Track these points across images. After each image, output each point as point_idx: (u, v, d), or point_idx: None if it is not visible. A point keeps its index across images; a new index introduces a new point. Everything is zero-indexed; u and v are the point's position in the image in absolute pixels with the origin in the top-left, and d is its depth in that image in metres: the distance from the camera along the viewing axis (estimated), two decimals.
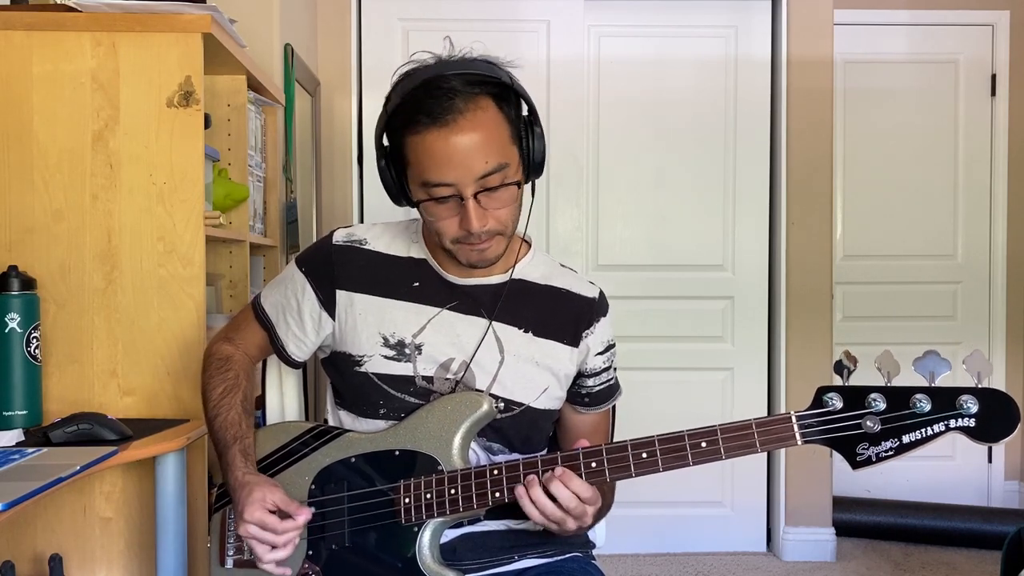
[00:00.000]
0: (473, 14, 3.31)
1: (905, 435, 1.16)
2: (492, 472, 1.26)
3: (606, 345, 1.45)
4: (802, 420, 1.19)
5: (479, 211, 1.26)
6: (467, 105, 1.24)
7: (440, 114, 1.23)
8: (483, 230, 1.28)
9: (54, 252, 1.73)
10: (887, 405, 1.17)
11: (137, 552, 1.75)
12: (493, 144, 1.25)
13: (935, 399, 1.15)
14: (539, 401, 1.39)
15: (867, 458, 1.17)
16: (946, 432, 1.16)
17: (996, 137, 3.99)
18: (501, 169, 1.26)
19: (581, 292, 1.44)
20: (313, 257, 1.44)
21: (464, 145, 1.23)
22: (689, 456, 1.21)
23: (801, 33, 3.33)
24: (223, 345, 1.47)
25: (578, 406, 1.47)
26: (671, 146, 3.43)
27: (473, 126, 1.24)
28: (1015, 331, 4.02)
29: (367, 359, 1.38)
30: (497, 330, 1.38)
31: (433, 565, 1.28)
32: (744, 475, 3.44)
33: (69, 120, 1.72)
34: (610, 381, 1.48)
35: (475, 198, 1.26)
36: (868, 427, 1.17)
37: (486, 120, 1.25)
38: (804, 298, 3.36)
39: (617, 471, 1.24)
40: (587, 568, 1.43)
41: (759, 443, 1.19)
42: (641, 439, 1.24)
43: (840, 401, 1.18)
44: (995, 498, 4.01)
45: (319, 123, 3.20)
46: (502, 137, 1.27)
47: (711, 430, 1.21)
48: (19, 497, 1.15)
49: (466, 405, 1.32)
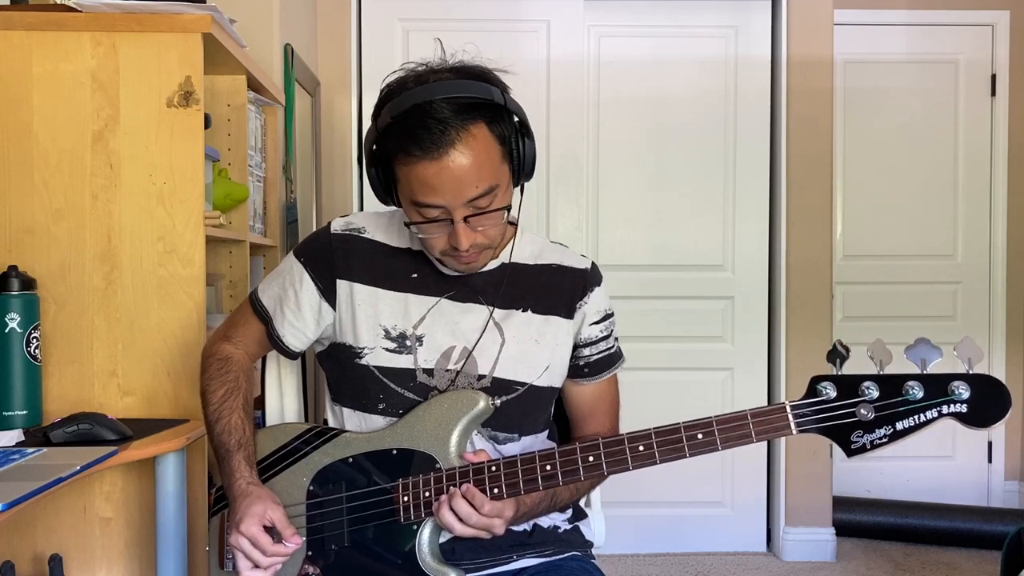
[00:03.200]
0: (473, 14, 3.31)
1: (899, 422, 1.18)
2: (490, 469, 1.27)
3: (602, 315, 1.46)
4: (796, 409, 1.20)
5: (467, 231, 1.28)
6: (459, 135, 1.23)
7: (432, 147, 1.22)
8: (472, 247, 1.29)
9: (54, 252, 1.73)
10: (880, 393, 1.18)
11: (137, 552, 1.75)
12: (484, 168, 1.26)
13: (927, 386, 1.17)
14: (541, 379, 1.40)
15: (861, 445, 1.19)
16: (939, 418, 1.17)
17: (996, 137, 3.99)
18: (491, 191, 1.27)
19: (573, 265, 1.46)
20: (312, 247, 1.44)
21: (455, 173, 1.24)
22: (686, 448, 1.22)
23: (801, 33, 3.34)
24: (222, 344, 1.47)
25: (579, 378, 1.47)
26: (671, 146, 3.43)
27: (465, 155, 1.24)
28: (1015, 331, 4.02)
29: (368, 351, 1.38)
30: (496, 314, 1.39)
31: (433, 563, 1.29)
32: (744, 475, 3.44)
33: (69, 120, 1.72)
34: (610, 350, 1.47)
35: (466, 220, 1.27)
36: (862, 415, 1.18)
37: (478, 147, 1.25)
38: (804, 298, 3.36)
39: (614, 464, 1.24)
40: (586, 567, 1.43)
41: (754, 433, 1.20)
42: (638, 432, 1.25)
43: (834, 390, 1.20)
44: (995, 498, 4.01)
45: (319, 123, 3.20)
46: (493, 160, 1.27)
47: (707, 421, 1.22)
48: (19, 497, 1.15)
49: (463, 403, 1.32)
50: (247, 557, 1.26)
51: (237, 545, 1.26)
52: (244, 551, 1.26)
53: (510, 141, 1.29)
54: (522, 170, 1.32)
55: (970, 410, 1.16)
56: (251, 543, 1.25)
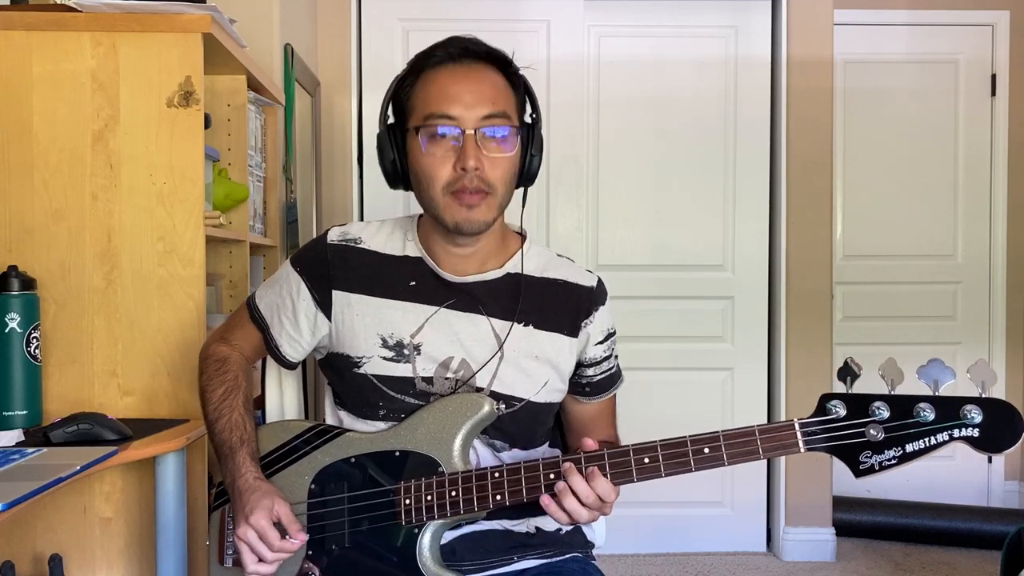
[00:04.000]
0: (473, 14, 3.30)
1: (909, 444, 1.16)
2: (493, 475, 1.26)
3: (606, 334, 1.45)
4: (805, 428, 1.19)
5: (476, 150, 1.28)
6: (484, 63, 1.31)
7: (458, 54, 1.30)
8: (476, 173, 1.28)
9: (54, 252, 1.73)
10: (891, 414, 1.16)
11: (137, 552, 1.75)
12: (501, 97, 1.31)
13: (939, 408, 1.15)
14: (539, 395, 1.39)
15: (870, 466, 1.17)
16: (950, 441, 1.16)
17: (996, 137, 3.99)
18: (505, 117, 1.30)
19: (579, 281, 1.44)
20: (308, 257, 1.43)
21: (474, 84, 1.29)
22: (691, 462, 1.21)
23: (801, 33, 3.34)
24: (219, 346, 1.46)
25: (580, 396, 1.46)
26: (671, 146, 3.43)
27: (485, 74, 1.31)
28: (1015, 331, 4.02)
29: (366, 360, 1.37)
30: (496, 326, 1.38)
31: (433, 566, 1.28)
32: (744, 475, 3.43)
33: (69, 120, 1.72)
34: (611, 370, 1.47)
35: (476, 134, 1.28)
36: (871, 435, 1.17)
37: (499, 81, 1.32)
38: (804, 298, 3.36)
39: (619, 476, 1.23)
40: (587, 568, 1.42)
41: (762, 450, 1.20)
42: (643, 444, 1.23)
43: (844, 409, 1.18)
44: (995, 498, 4.01)
45: (319, 123, 3.20)
46: (510, 100, 1.32)
47: (714, 436, 1.21)
48: (19, 497, 1.15)
49: (467, 407, 1.31)
50: (252, 550, 1.25)
51: (244, 537, 1.25)
52: (251, 543, 1.25)
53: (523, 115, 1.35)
54: (528, 163, 1.36)
55: (982, 435, 1.14)
56: (259, 536, 1.24)
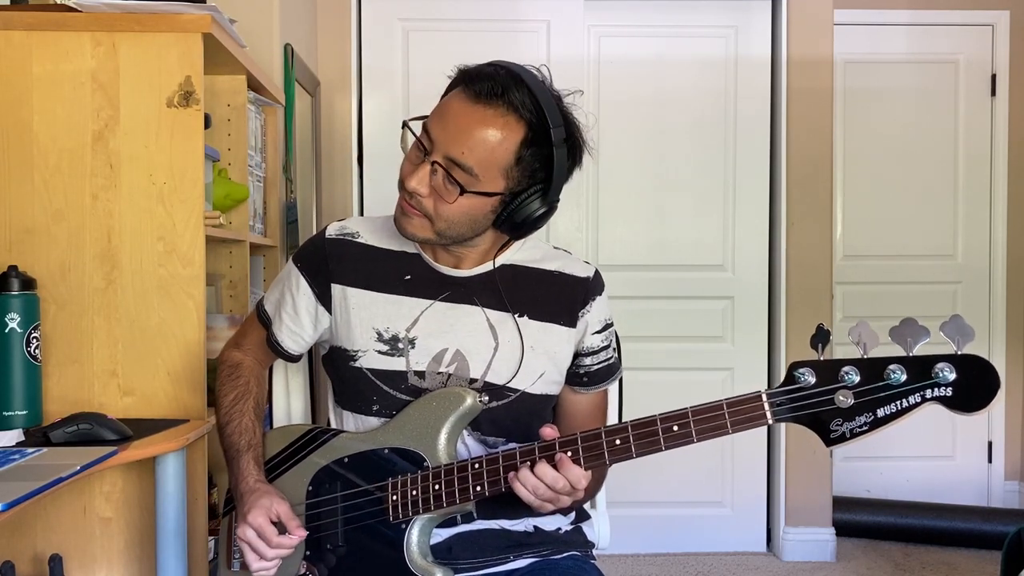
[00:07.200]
0: (473, 14, 3.31)
1: (880, 408, 1.09)
2: (473, 466, 1.27)
3: (604, 324, 1.44)
4: (772, 398, 1.14)
5: (424, 178, 1.28)
6: (498, 101, 1.26)
7: (476, 82, 1.27)
8: (415, 192, 1.28)
9: (54, 252, 1.73)
10: (861, 378, 1.10)
11: (137, 552, 1.74)
12: (481, 153, 1.26)
13: (910, 368, 1.09)
14: (535, 387, 1.39)
15: (840, 435, 1.11)
16: (922, 403, 1.09)
17: (996, 137, 3.99)
18: (466, 173, 1.26)
19: (575, 272, 1.44)
20: (307, 252, 1.46)
21: (465, 122, 1.26)
22: (661, 441, 1.18)
23: (801, 33, 3.33)
24: (232, 352, 1.51)
25: (576, 386, 1.46)
26: (671, 146, 3.43)
27: (490, 124, 1.26)
28: (1015, 331, 4.02)
29: (361, 354, 1.39)
30: (491, 317, 1.38)
31: (421, 562, 1.29)
32: (744, 475, 3.43)
33: (69, 120, 1.72)
34: (609, 360, 1.47)
35: (433, 166, 1.27)
36: (841, 402, 1.10)
37: (497, 139, 1.26)
38: (804, 298, 3.36)
39: (591, 459, 1.21)
40: (583, 566, 1.42)
41: (730, 424, 1.14)
42: (614, 426, 1.22)
43: (813, 376, 1.12)
44: (995, 498, 4.01)
45: (319, 123, 3.20)
46: (498, 160, 1.27)
47: (683, 412, 1.17)
48: (19, 497, 1.15)
49: (450, 400, 1.32)
50: (252, 548, 1.28)
51: (244, 536, 1.28)
52: (250, 542, 1.28)
53: (529, 169, 1.30)
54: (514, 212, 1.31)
55: (955, 393, 1.07)
56: (257, 534, 1.27)
